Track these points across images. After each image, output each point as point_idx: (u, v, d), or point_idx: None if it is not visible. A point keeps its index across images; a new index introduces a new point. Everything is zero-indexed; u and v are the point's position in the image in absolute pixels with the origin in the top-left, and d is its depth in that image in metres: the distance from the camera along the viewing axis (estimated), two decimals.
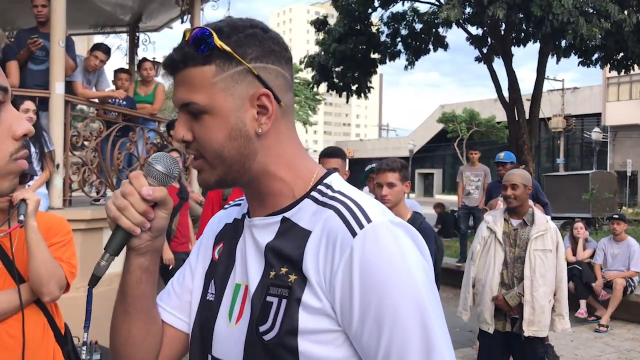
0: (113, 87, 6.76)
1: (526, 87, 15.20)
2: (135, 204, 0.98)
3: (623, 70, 14.20)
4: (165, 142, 6.71)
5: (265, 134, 1.00)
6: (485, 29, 14.67)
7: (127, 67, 8.67)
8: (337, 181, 1.04)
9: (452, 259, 9.58)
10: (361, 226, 0.92)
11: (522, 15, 12.12)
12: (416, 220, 3.36)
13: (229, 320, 1.03)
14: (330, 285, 0.92)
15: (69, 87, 5.55)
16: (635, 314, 7.15)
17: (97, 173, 5.67)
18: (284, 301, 0.95)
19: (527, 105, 14.37)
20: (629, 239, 7.62)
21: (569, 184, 17.29)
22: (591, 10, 11.86)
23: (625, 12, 11.93)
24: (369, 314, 0.89)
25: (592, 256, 7.76)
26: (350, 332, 0.92)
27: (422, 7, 15.62)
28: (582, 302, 7.32)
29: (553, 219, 4.70)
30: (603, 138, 37.10)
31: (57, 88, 5.01)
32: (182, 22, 7.66)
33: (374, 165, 4.27)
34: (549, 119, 36.73)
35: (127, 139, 6.08)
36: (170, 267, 5.57)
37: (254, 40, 0.98)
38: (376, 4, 15.21)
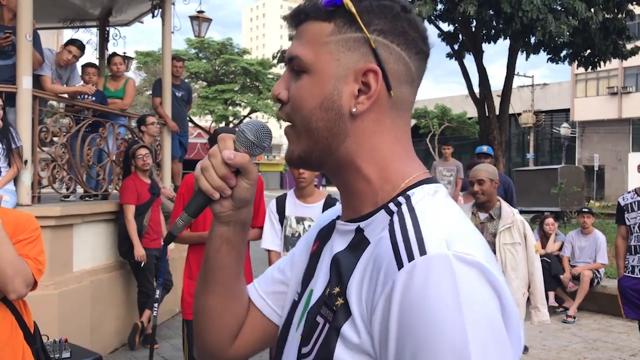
0: (82, 83, 6.67)
1: (497, 83, 15.42)
2: (216, 166, 0.91)
3: (590, 67, 14.50)
4: (135, 138, 6.64)
5: (361, 117, 0.87)
6: (456, 25, 14.83)
7: (97, 61, 8.56)
8: (420, 193, 0.85)
9: None
10: (411, 258, 0.73)
11: (492, 12, 12.30)
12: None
13: (297, 329, 0.94)
14: (370, 321, 0.77)
15: (38, 82, 5.45)
16: (601, 305, 7.33)
17: (66, 169, 5.58)
18: (327, 326, 0.83)
19: (497, 101, 14.58)
20: (595, 232, 7.80)
21: (538, 179, 17.58)
22: (559, 8, 12.09)
23: (592, 10, 12.19)
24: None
25: (560, 249, 7.93)
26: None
27: None
28: (551, 294, 7.48)
29: (522, 212, 4.78)
30: (571, 133, 37.82)
31: (25, 83, 4.92)
32: (153, 16, 7.59)
33: None
34: (519, 114, 37.29)
35: (97, 135, 6.00)
36: (143, 263, 5.54)
37: (386, 13, 0.87)
38: None
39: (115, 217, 5.83)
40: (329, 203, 3.61)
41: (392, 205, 0.85)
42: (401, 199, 0.85)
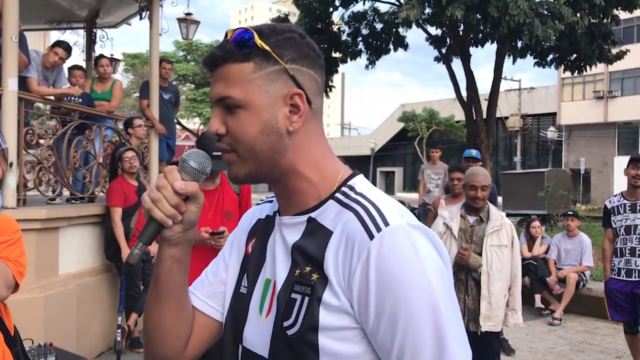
0: (69, 85, 6.62)
1: (484, 87, 15.53)
2: (168, 196, 1.03)
3: (576, 71, 14.62)
4: (122, 140, 6.61)
5: (296, 133, 1.04)
6: (444, 29, 14.91)
7: (84, 63, 8.50)
8: (360, 183, 1.08)
9: None
10: (379, 229, 0.95)
11: (479, 16, 12.36)
12: None
13: (260, 314, 1.09)
14: (348, 286, 0.96)
15: (24, 84, 5.40)
16: (587, 307, 7.39)
17: (52, 172, 5.54)
18: (307, 299, 0.99)
19: (484, 105, 14.66)
20: (581, 234, 7.86)
21: (525, 182, 17.69)
22: (546, 13, 12.18)
23: (578, 14, 12.31)
24: (384, 313, 0.92)
25: (546, 252, 7.98)
26: (367, 330, 0.96)
27: (383, 7, 15.78)
28: (537, 297, 7.53)
29: (509, 215, 4.78)
30: (558, 137, 38.12)
31: (10, 84, 4.87)
32: (141, 18, 7.54)
33: None
34: (506, 118, 37.53)
35: (83, 137, 5.96)
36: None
37: (291, 43, 1.04)
38: (337, 3, 15.28)
39: (101, 220, 5.79)
40: None
41: (339, 195, 1.05)
42: (346, 189, 1.06)
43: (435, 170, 9.54)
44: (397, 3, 14.62)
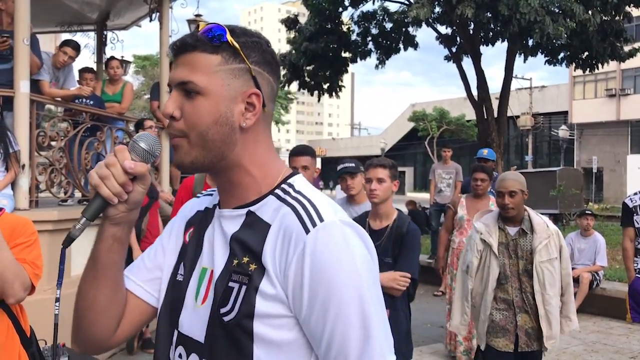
0: (78, 85, 6.65)
1: (495, 85, 15.46)
2: (116, 174, 1.05)
3: (588, 69, 14.50)
4: None
5: (247, 130, 1.10)
6: (454, 28, 14.84)
7: (94, 65, 8.55)
8: (299, 182, 1.14)
9: (423, 256, 9.67)
10: (314, 224, 1.02)
11: (490, 15, 12.29)
12: (404, 220, 3.37)
13: (195, 301, 1.13)
14: (284, 276, 1.02)
15: (36, 86, 5.44)
16: (600, 307, 7.32)
17: (64, 173, 5.57)
18: (244, 287, 1.05)
19: (495, 104, 14.58)
20: (595, 234, 7.79)
21: (537, 181, 17.57)
22: (557, 10, 12.09)
23: (590, 12, 12.20)
24: (317, 302, 0.99)
25: None
26: (300, 318, 1.02)
27: (392, 7, 15.73)
28: None
29: None
30: (570, 135, 37.86)
31: (22, 87, 4.91)
32: (151, 20, 7.58)
33: (346, 165, 4.24)
34: (518, 117, 37.35)
35: (95, 139, 5.99)
36: None
37: (258, 48, 1.10)
38: (347, 3, 15.26)
39: None
40: None
41: (279, 191, 1.11)
42: (285, 186, 1.12)
43: (447, 169, 9.50)
44: (406, 2, 14.57)
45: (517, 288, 3.60)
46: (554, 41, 12.52)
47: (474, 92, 14.85)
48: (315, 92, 16.17)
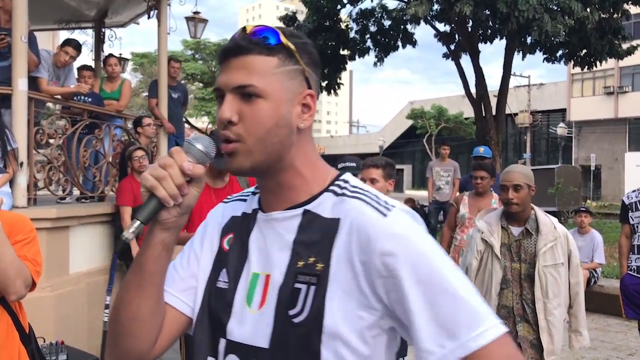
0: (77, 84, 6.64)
1: (493, 83, 15.46)
2: (174, 175, 1.02)
3: (586, 67, 14.52)
4: (132, 139, 6.63)
5: (302, 131, 1.10)
6: (452, 25, 14.85)
7: (92, 63, 8.53)
8: (352, 179, 1.15)
9: None
10: (388, 210, 1.04)
11: (488, 12, 12.31)
12: None
13: (249, 307, 1.10)
14: (366, 265, 1.00)
15: (34, 84, 5.43)
16: (598, 305, 7.34)
17: (62, 171, 5.56)
18: (313, 287, 1.03)
19: (494, 101, 14.60)
20: (592, 231, 7.81)
21: (535, 179, 17.56)
22: (555, 8, 12.11)
23: (588, 9, 12.23)
24: (421, 280, 0.98)
25: None
26: (390, 302, 1.00)
27: (391, 4, 15.78)
28: None
29: None
30: (568, 133, 37.89)
31: (20, 84, 4.90)
32: (149, 17, 7.56)
33: (347, 164, 4.21)
34: (516, 114, 37.36)
35: (93, 136, 5.98)
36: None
37: (308, 49, 1.11)
38: (345, 0, 15.25)
39: (111, 219, 5.81)
40: None
41: (334, 188, 1.11)
42: (340, 183, 1.12)
43: (445, 167, 9.51)
44: (405, 0, 14.57)
45: (518, 294, 3.28)
46: (553, 39, 12.54)
47: (473, 90, 14.87)
48: None
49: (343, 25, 15.97)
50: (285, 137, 1.07)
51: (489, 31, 14.08)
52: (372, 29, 15.76)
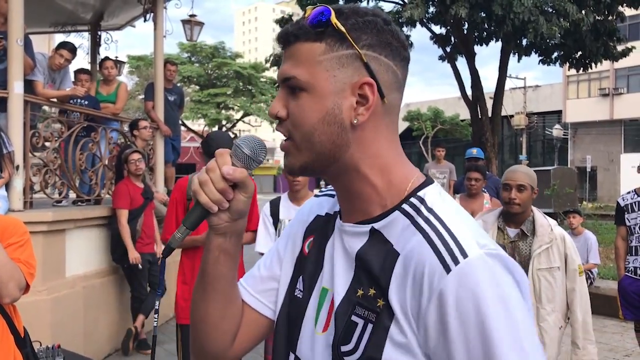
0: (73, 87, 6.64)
1: (489, 85, 15.50)
2: (215, 180, 0.95)
3: (582, 69, 14.57)
4: (128, 142, 6.62)
5: (362, 127, 0.94)
6: (448, 28, 14.89)
7: (89, 66, 8.53)
8: (431, 195, 0.95)
9: None
10: (456, 262, 0.83)
11: (484, 14, 12.34)
12: None
13: (315, 326, 1.01)
14: (418, 323, 0.85)
15: (30, 87, 5.42)
16: (594, 306, 7.26)
17: (58, 174, 5.56)
18: (370, 326, 0.90)
19: (490, 103, 14.63)
20: (586, 232, 7.82)
21: None
22: (551, 10, 12.16)
23: (583, 11, 12.27)
24: (471, 351, 0.80)
25: None
26: None
27: (387, 7, 15.76)
28: None
29: None
30: (564, 135, 37.99)
31: (16, 87, 4.89)
32: (145, 20, 7.57)
33: None
34: (512, 116, 37.42)
35: (89, 139, 5.98)
36: (139, 265, 5.52)
37: (371, 28, 0.93)
38: (341, 2, 15.26)
39: (107, 222, 5.81)
40: None
41: (407, 207, 0.93)
42: (415, 201, 0.93)
43: (440, 169, 9.51)
44: (401, 2, 14.60)
45: None
46: (548, 41, 12.58)
47: (469, 92, 14.90)
48: None
49: None
50: (336, 135, 0.93)
51: (485, 33, 14.12)
52: None
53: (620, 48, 14.52)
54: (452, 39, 15.26)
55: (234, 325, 1.10)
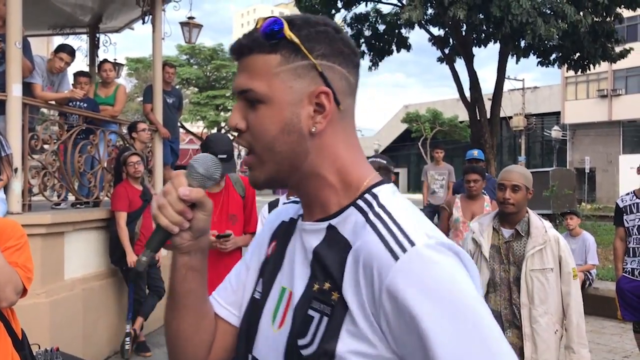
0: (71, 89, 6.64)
1: (488, 87, 15.53)
2: (172, 202, 0.97)
3: (580, 70, 14.59)
4: (127, 145, 6.62)
5: (320, 135, 0.96)
6: (446, 29, 14.91)
7: (87, 68, 8.53)
8: (385, 192, 0.98)
9: None
10: (403, 250, 0.85)
11: (482, 16, 12.36)
12: None
13: (272, 324, 1.03)
14: (376, 313, 0.86)
15: (28, 89, 5.42)
16: (592, 307, 7.34)
17: (57, 177, 5.55)
18: (325, 319, 0.92)
19: (488, 105, 14.65)
20: (584, 233, 7.82)
21: None
22: (549, 12, 12.18)
23: (581, 13, 12.29)
24: (412, 342, 0.83)
25: None
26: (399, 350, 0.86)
27: (385, 8, 15.78)
28: None
29: None
30: (562, 136, 38.02)
31: (14, 90, 4.89)
32: (144, 22, 7.56)
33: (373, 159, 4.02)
34: (510, 117, 37.46)
35: (88, 142, 5.98)
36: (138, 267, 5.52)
37: (324, 38, 0.96)
38: (339, 4, 15.29)
39: (106, 224, 5.80)
40: None
41: (361, 203, 0.96)
42: (368, 197, 0.97)
43: (439, 170, 9.52)
44: (399, 4, 14.62)
45: (506, 299, 3.15)
46: (546, 42, 12.60)
47: (467, 94, 14.91)
48: None
49: None
50: (296, 144, 0.95)
51: (483, 35, 14.14)
52: (367, 33, 15.79)
53: (618, 49, 14.54)
54: (451, 40, 15.29)
55: (208, 337, 1.12)
